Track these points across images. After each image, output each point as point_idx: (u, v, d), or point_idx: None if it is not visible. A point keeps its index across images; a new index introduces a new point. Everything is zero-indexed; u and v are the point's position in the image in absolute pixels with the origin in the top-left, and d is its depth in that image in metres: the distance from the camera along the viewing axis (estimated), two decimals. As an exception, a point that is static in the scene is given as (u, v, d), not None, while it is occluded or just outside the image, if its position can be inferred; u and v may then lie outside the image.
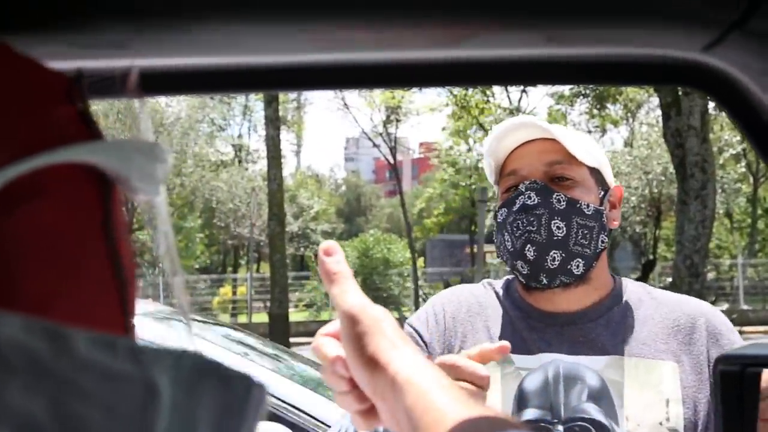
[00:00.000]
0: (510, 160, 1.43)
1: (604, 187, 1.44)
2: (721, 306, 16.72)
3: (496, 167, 1.46)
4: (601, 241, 1.39)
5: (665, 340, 1.36)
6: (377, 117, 22.22)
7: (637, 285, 1.47)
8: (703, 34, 0.57)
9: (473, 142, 28.05)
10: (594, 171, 1.42)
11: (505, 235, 1.40)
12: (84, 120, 0.36)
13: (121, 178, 0.36)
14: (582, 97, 23.60)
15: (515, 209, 1.38)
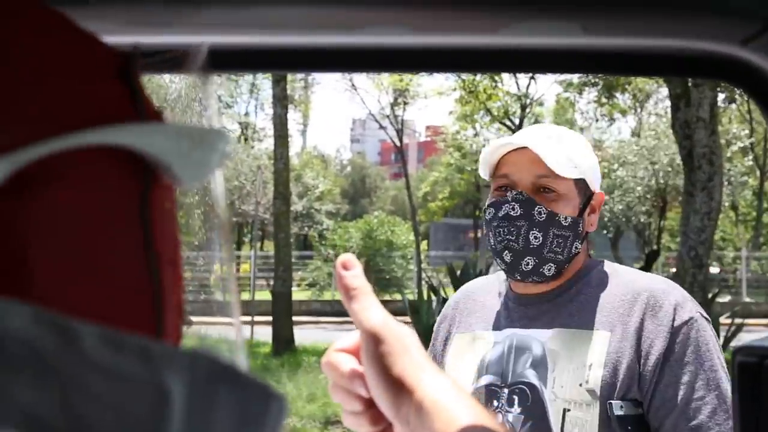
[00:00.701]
0: (503, 162, 1.60)
1: (587, 193, 1.61)
2: (723, 298, 16.73)
3: (491, 165, 1.62)
4: (575, 247, 1.59)
5: (606, 313, 1.53)
6: (384, 99, 22.17)
7: (609, 266, 1.63)
8: (741, 28, 0.57)
9: (480, 127, 27.99)
10: (578, 181, 1.59)
11: (489, 233, 1.61)
12: (133, 99, 0.34)
13: (163, 165, 0.33)
14: (591, 85, 23.50)
15: (500, 215, 1.57)
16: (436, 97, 24.03)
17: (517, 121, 24.66)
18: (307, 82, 32.85)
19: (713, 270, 20.10)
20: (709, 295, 10.69)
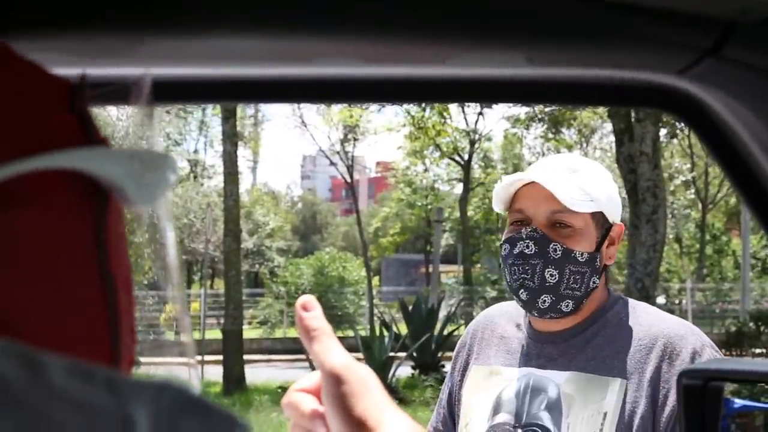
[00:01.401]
0: (518, 197, 1.57)
1: (605, 225, 1.56)
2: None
3: (505, 200, 1.59)
4: (593, 281, 1.54)
5: (623, 359, 1.48)
6: (335, 135, 22.24)
7: (629, 304, 1.59)
8: (678, 59, 0.59)
9: (430, 163, 28.22)
10: (595, 214, 1.54)
11: (506, 270, 1.58)
12: (83, 127, 0.34)
13: (116, 188, 0.34)
14: (538, 120, 23.92)
15: (515, 253, 1.54)
16: (385, 133, 24.18)
17: (466, 156, 24.93)
18: (256, 118, 32.79)
19: (660, 301, 20.42)
20: (657, 326, 10.83)
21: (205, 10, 0.53)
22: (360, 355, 11.74)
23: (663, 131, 18.65)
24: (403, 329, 13.33)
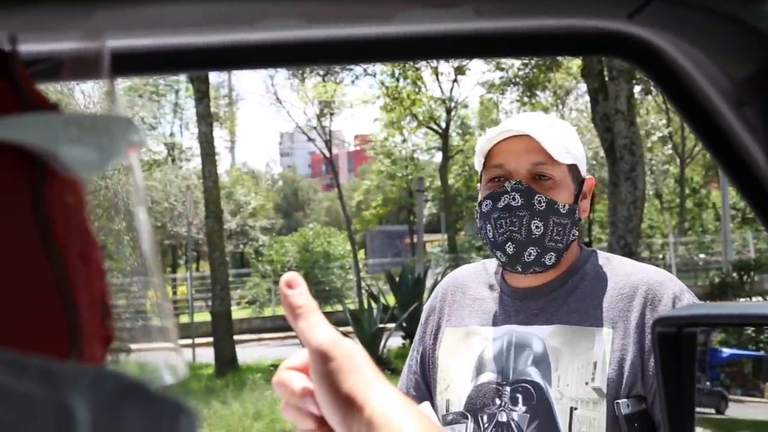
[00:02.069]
0: (496, 152, 1.56)
1: (579, 179, 1.59)
2: (654, 284, 17.12)
3: (482, 155, 1.59)
4: (572, 234, 1.56)
5: (607, 308, 1.51)
6: (311, 111, 22.11)
7: (602, 256, 1.61)
8: (626, 3, 0.59)
9: (407, 133, 28.15)
10: (571, 167, 1.56)
11: (488, 226, 1.56)
12: (16, 93, 0.32)
13: (52, 156, 0.31)
14: (512, 85, 23.89)
15: (500, 207, 1.53)
16: (361, 106, 24.08)
17: (443, 125, 24.88)
18: (231, 98, 32.53)
19: (643, 256, 20.60)
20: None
21: None
22: (350, 328, 11.78)
23: (637, 88, 18.69)
24: (391, 300, 13.39)
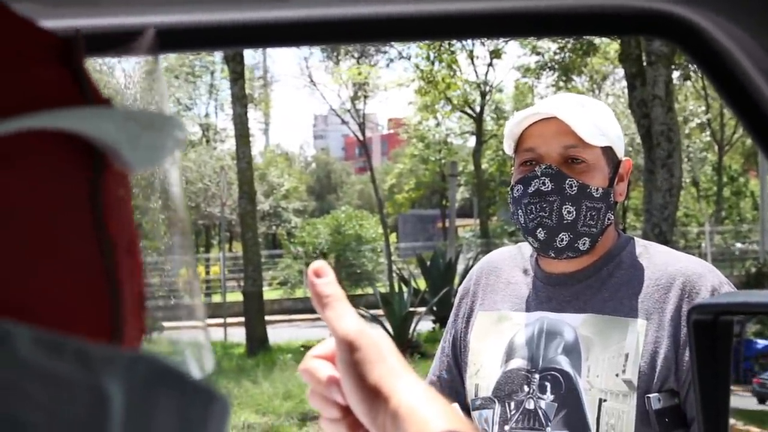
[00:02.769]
0: (527, 135, 1.53)
1: (615, 161, 1.55)
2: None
3: (513, 139, 1.56)
4: (608, 218, 1.53)
5: (642, 299, 1.47)
6: (345, 93, 22.11)
7: (640, 244, 1.57)
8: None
9: (441, 117, 28.05)
10: (606, 149, 1.53)
11: (519, 211, 1.54)
12: (77, 85, 0.32)
13: (112, 150, 0.32)
14: (548, 69, 23.65)
15: (530, 192, 1.50)
16: (396, 89, 24.04)
17: (477, 109, 24.75)
18: (265, 79, 32.65)
19: (679, 245, 20.37)
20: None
21: None
22: (380, 311, 11.83)
23: (676, 74, 18.41)
24: (422, 284, 13.40)
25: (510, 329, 1.57)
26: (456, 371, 1.65)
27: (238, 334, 13.28)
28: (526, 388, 1.50)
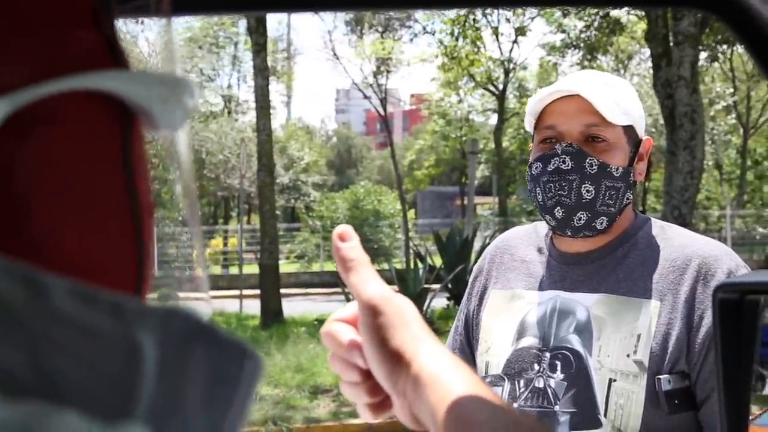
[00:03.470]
0: (548, 112, 1.51)
1: (636, 140, 1.53)
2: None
3: (534, 115, 1.54)
4: (626, 198, 1.51)
5: (657, 280, 1.46)
6: (367, 68, 22.03)
7: (657, 225, 1.56)
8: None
9: (464, 94, 27.91)
10: (627, 128, 1.51)
11: (537, 189, 1.52)
12: (110, 46, 0.33)
13: (143, 110, 0.33)
14: (573, 47, 23.41)
15: (549, 170, 1.48)
16: (418, 64, 23.92)
17: (500, 86, 24.59)
18: (289, 52, 32.58)
19: (698, 228, 20.23)
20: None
21: None
22: (395, 287, 11.86)
23: (703, 55, 18.17)
24: (438, 261, 13.40)
25: (523, 308, 1.56)
26: (468, 350, 1.65)
27: (253, 306, 13.37)
28: (537, 367, 1.49)
